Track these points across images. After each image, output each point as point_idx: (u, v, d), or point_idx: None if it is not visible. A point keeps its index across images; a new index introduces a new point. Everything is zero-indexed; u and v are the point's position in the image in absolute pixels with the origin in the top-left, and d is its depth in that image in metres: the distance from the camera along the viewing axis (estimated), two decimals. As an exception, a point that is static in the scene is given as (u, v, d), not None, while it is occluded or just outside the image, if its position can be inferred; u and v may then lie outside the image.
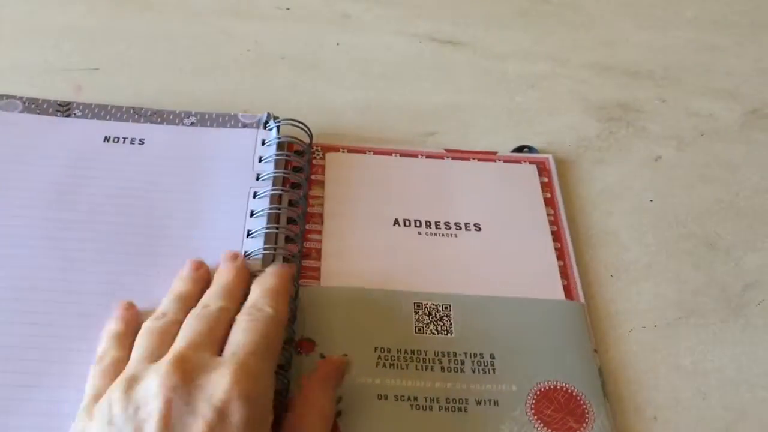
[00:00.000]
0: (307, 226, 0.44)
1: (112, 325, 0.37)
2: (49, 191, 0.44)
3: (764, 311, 0.44)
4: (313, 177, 0.47)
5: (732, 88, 0.58)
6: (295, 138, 0.47)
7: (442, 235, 0.45)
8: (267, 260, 0.41)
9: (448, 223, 0.45)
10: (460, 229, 0.45)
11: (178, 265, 0.40)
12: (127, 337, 0.36)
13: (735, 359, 0.41)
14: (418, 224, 0.45)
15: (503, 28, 0.61)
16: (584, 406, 0.37)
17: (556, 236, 0.46)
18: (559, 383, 0.38)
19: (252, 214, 0.43)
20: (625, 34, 0.62)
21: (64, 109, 0.49)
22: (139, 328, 0.36)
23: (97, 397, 0.32)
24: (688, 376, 0.40)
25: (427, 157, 0.49)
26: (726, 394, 0.40)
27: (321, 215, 0.45)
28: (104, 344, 0.36)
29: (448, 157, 0.49)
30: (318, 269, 0.42)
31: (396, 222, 0.45)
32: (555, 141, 0.53)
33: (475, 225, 0.45)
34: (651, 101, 0.57)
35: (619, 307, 0.43)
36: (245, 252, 0.41)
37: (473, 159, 0.49)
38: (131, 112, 0.49)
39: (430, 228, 0.45)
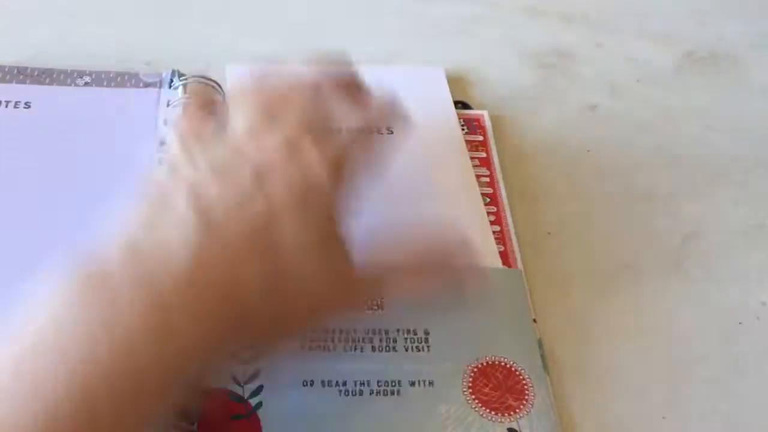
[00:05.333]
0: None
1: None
2: None
3: (704, 263, 0.42)
4: (225, 140, 0.42)
5: (666, 30, 0.56)
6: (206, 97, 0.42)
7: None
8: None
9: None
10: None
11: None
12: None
13: (676, 317, 0.40)
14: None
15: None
16: (524, 382, 0.35)
17: (493, 199, 0.43)
18: (497, 359, 0.36)
19: (156, 187, 0.39)
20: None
21: (-69, 70, 0.43)
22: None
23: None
24: (630, 337, 0.39)
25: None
26: (669, 353, 0.38)
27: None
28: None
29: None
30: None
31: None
32: (488, 91, 0.49)
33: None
34: (586, 46, 0.54)
35: (557, 267, 0.41)
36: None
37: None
38: (15, 72, 0.44)
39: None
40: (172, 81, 0.43)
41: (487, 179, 0.44)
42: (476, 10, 0.55)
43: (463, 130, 0.46)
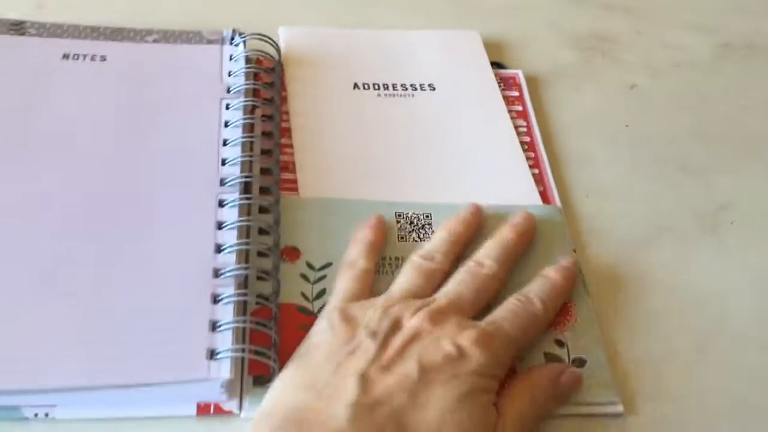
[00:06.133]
0: (282, 140, 0.43)
1: (365, 233, 0.38)
2: (7, 111, 0.41)
3: (737, 230, 0.44)
4: (284, 93, 0.45)
5: (705, 22, 0.58)
6: (264, 52, 0.46)
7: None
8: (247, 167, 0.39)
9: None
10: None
11: (154, 175, 0.39)
12: (376, 249, 0.38)
13: (708, 275, 0.41)
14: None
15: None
16: (567, 301, 0.37)
17: (530, 146, 0.46)
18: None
19: (226, 125, 0.41)
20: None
21: (18, 27, 0.47)
22: (384, 242, 0.38)
23: (351, 298, 0.35)
24: (666, 289, 0.40)
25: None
26: (701, 306, 0.40)
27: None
28: (355, 250, 0.37)
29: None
30: (296, 181, 0.41)
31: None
32: (530, 68, 0.52)
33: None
34: (626, 32, 0.56)
35: (594, 225, 0.43)
36: (223, 159, 0.40)
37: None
38: (89, 30, 0.47)
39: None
40: (233, 38, 0.46)
41: (525, 129, 0.47)
42: (519, -1, 0.58)
43: (499, 86, 0.49)
